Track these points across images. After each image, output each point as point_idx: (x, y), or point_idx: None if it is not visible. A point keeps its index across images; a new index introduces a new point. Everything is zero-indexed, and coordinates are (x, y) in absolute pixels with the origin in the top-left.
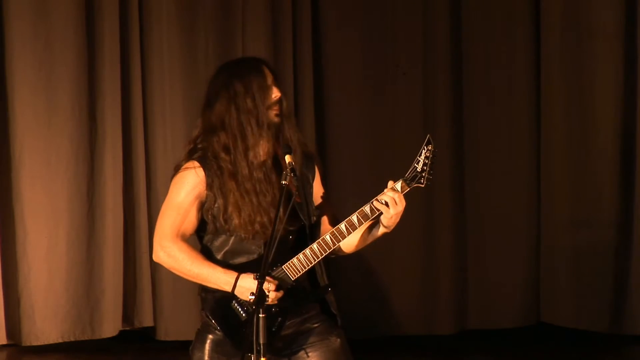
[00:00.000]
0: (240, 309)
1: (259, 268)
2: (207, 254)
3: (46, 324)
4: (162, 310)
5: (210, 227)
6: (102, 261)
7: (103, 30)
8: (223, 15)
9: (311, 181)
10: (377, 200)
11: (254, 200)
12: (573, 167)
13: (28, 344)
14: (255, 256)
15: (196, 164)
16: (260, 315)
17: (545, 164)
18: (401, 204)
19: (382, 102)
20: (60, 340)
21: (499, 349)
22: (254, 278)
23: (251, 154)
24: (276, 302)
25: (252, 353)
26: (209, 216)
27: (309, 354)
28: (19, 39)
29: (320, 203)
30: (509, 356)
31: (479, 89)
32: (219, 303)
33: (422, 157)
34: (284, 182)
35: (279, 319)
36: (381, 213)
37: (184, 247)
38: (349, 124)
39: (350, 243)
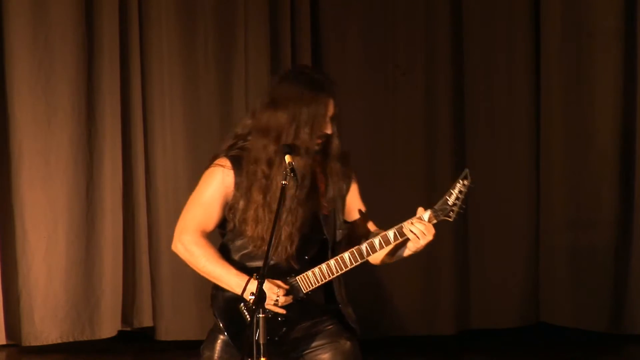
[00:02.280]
0: (246, 313)
1: (273, 275)
2: (226, 252)
3: (45, 324)
4: (161, 310)
5: (230, 225)
6: (102, 261)
7: (103, 31)
8: (223, 15)
9: (344, 194)
10: (403, 227)
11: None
12: (573, 167)
13: (27, 344)
14: (272, 261)
15: (228, 163)
16: (260, 316)
17: (544, 164)
18: (430, 234)
19: (382, 103)
20: (59, 341)
21: (499, 349)
22: (254, 278)
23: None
24: (283, 310)
25: (252, 357)
26: (230, 214)
27: (319, 355)
28: (19, 39)
29: (355, 218)
30: (509, 356)
31: (479, 89)
32: (227, 303)
33: (456, 190)
34: (283, 182)
35: (284, 329)
36: (406, 239)
37: (201, 242)
38: (348, 124)
39: (374, 258)
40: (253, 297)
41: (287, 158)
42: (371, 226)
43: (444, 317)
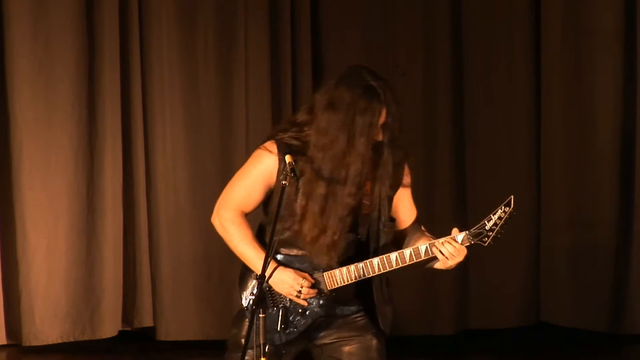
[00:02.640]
0: (269, 299)
1: (303, 265)
2: (262, 233)
3: (46, 324)
4: (162, 311)
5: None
6: (102, 261)
7: (103, 31)
8: (223, 15)
9: (391, 195)
10: (435, 245)
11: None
12: (573, 167)
13: (28, 344)
14: (302, 252)
15: (275, 149)
16: (261, 316)
17: (545, 164)
18: (460, 256)
19: None
20: (60, 341)
21: (499, 349)
22: (253, 277)
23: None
24: (305, 302)
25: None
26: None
27: (342, 347)
28: (19, 39)
29: (400, 217)
30: (509, 356)
31: (479, 89)
32: (254, 284)
33: (496, 216)
34: (283, 182)
35: (303, 321)
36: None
37: (238, 221)
38: None
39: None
40: (253, 297)
41: (287, 158)
42: (415, 228)
43: (443, 317)
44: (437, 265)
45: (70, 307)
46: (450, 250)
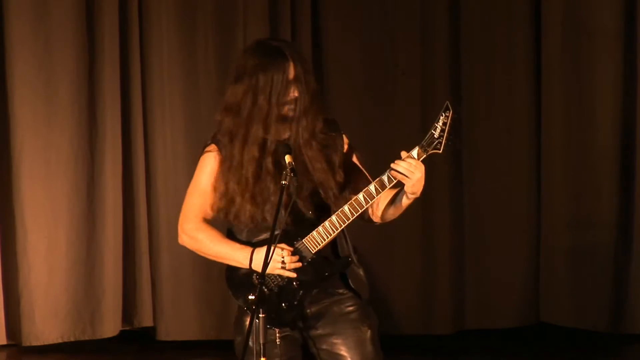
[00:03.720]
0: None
1: (284, 241)
2: (232, 236)
3: (46, 324)
4: (162, 310)
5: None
6: (102, 261)
7: (103, 30)
8: (223, 15)
9: (338, 156)
10: (392, 167)
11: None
12: (573, 167)
13: (28, 344)
14: (276, 231)
15: (215, 147)
16: (261, 316)
17: (545, 164)
18: (419, 170)
19: (382, 103)
20: (60, 341)
21: (498, 349)
22: (255, 278)
23: (251, 147)
24: (294, 273)
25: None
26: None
27: (338, 340)
28: (19, 39)
29: (353, 176)
30: (508, 356)
31: (478, 88)
32: (241, 281)
33: (440, 123)
34: (283, 182)
35: (301, 292)
36: (400, 182)
37: (203, 227)
38: (348, 124)
39: (383, 213)
40: (253, 297)
41: (287, 158)
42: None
43: (442, 317)
44: (405, 199)
45: (70, 306)
46: (406, 166)
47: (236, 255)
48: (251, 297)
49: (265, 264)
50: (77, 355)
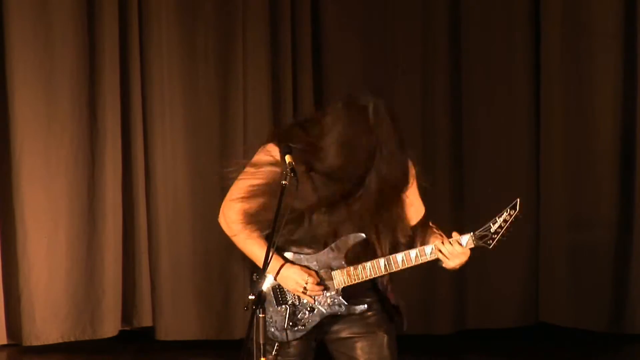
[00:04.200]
0: (279, 295)
1: (312, 264)
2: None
3: (47, 323)
4: (161, 310)
5: None
6: (102, 261)
7: (103, 31)
8: (223, 15)
9: (400, 194)
10: (437, 245)
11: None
12: (572, 167)
13: (28, 344)
14: (311, 251)
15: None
16: (260, 316)
17: (544, 164)
18: (463, 257)
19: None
20: (60, 340)
21: (498, 349)
22: (254, 278)
23: None
24: (312, 299)
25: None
26: None
27: (355, 343)
28: (19, 40)
29: (409, 211)
30: (508, 356)
31: (478, 89)
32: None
33: (501, 219)
34: (283, 182)
35: (309, 320)
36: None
37: (242, 220)
38: None
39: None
40: (252, 297)
41: (287, 158)
42: (423, 225)
43: (442, 317)
44: (443, 264)
45: (71, 306)
46: (450, 250)
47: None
48: (251, 297)
49: (266, 263)
50: (76, 355)
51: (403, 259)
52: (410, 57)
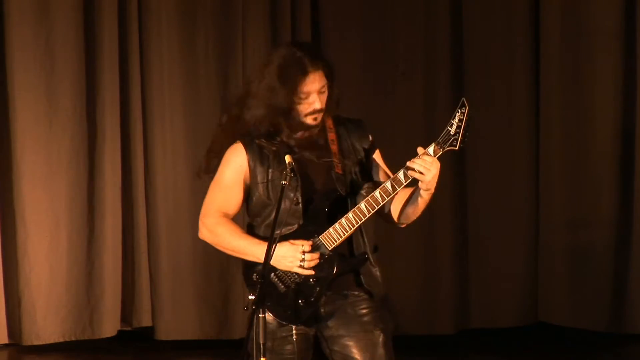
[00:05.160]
0: (278, 281)
1: (300, 239)
2: (251, 232)
3: (47, 323)
4: (161, 310)
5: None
6: (102, 261)
7: (103, 31)
8: (223, 15)
9: (361, 153)
10: (408, 165)
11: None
12: (572, 167)
13: (29, 344)
14: (294, 227)
15: (243, 146)
16: (261, 316)
17: (544, 164)
18: (434, 167)
19: (382, 104)
20: (61, 340)
21: (498, 349)
22: (254, 278)
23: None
24: (312, 271)
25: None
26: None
27: (350, 342)
28: (20, 40)
29: (377, 175)
30: (508, 355)
31: (478, 89)
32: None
33: (456, 119)
34: (283, 182)
35: (317, 288)
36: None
37: (223, 221)
38: None
39: (401, 212)
40: (252, 297)
41: (287, 158)
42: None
43: (443, 317)
44: (421, 197)
45: (71, 306)
46: (422, 163)
47: (255, 250)
48: (251, 297)
49: (266, 263)
50: (76, 355)
51: (380, 193)
52: (410, 58)
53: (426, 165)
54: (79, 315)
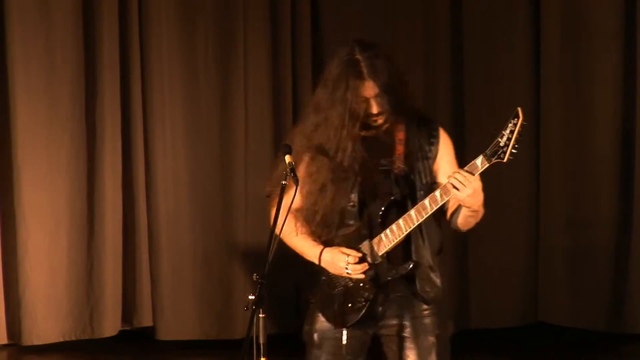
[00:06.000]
0: (330, 284)
1: (353, 242)
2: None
3: (47, 323)
4: (161, 310)
5: None
6: (103, 260)
7: (103, 31)
8: (223, 15)
9: (428, 153)
10: (451, 175)
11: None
12: (572, 167)
13: (29, 344)
14: (352, 229)
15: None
16: (261, 316)
17: (544, 163)
18: (471, 186)
19: None
20: (61, 339)
21: (498, 349)
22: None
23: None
24: (361, 275)
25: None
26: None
27: (405, 344)
28: (20, 40)
29: (443, 176)
30: (508, 355)
31: (478, 89)
32: (314, 279)
33: (507, 131)
34: (283, 182)
35: (366, 293)
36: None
37: (288, 217)
38: None
39: (456, 220)
40: (253, 297)
41: (287, 158)
42: None
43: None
44: (464, 210)
45: (71, 306)
46: (460, 179)
47: (309, 251)
48: (251, 296)
49: (267, 262)
50: (76, 355)
51: (429, 202)
52: (410, 58)
53: (463, 182)
54: (79, 315)
